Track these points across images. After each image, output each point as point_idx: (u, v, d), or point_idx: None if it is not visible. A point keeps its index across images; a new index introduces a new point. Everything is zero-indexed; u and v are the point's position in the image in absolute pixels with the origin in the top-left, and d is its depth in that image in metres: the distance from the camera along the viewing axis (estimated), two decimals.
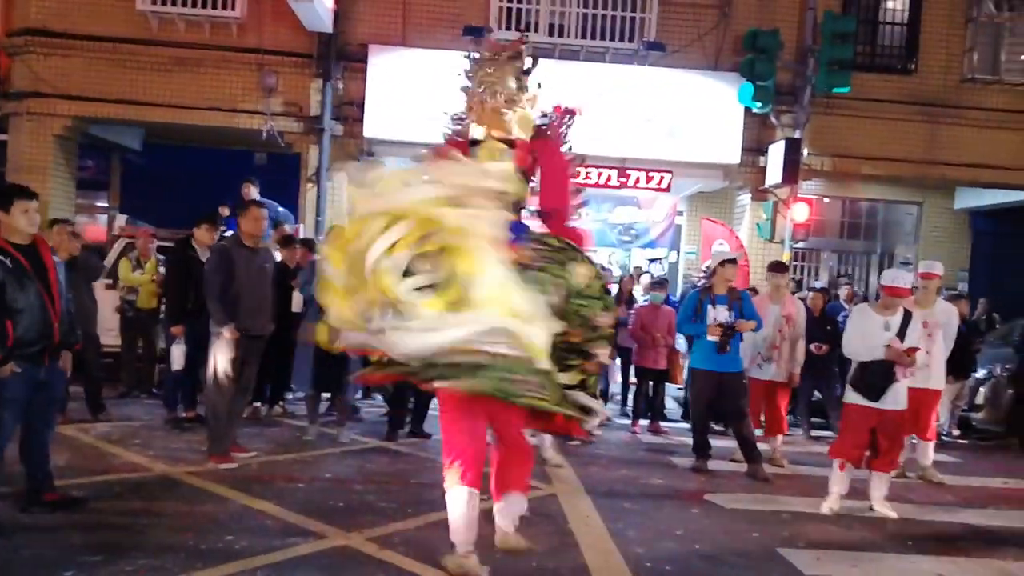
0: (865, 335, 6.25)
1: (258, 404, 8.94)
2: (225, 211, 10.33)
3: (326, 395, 8.38)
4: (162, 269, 9.37)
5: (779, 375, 8.13)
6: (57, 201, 12.40)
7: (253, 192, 10.88)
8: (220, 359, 6.55)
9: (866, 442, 6.25)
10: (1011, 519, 6.47)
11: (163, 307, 9.09)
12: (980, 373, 10.50)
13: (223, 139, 13.69)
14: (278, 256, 8.70)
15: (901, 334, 6.18)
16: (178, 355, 7.82)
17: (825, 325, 9.44)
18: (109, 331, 9.56)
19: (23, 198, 4.92)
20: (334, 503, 5.72)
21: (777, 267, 8.56)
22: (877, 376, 6.16)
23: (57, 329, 4.98)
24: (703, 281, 8.39)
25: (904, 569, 5.08)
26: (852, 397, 6.29)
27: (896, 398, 6.19)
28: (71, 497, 5.31)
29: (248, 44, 12.41)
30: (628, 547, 5.10)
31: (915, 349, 6.15)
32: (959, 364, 9.00)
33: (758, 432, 8.06)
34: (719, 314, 7.47)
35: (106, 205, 15.06)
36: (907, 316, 6.28)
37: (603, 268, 6.75)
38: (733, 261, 7.92)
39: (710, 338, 7.44)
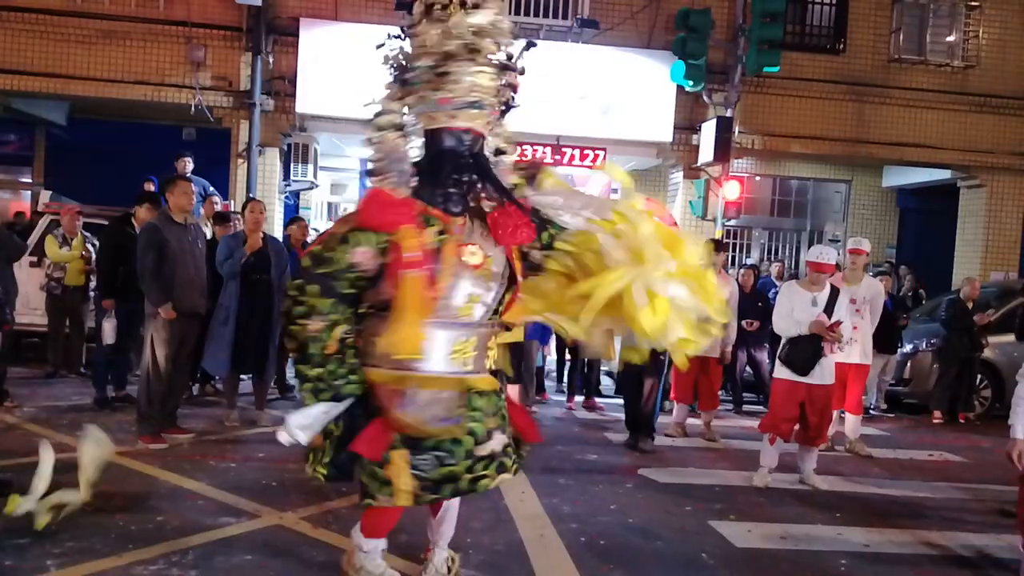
0: (793, 311, 6.38)
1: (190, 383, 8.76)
2: (150, 187, 10.08)
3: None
4: (89, 246, 9.14)
5: (712, 351, 8.23)
6: None
7: (188, 166, 10.64)
8: (157, 340, 6.41)
9: (795, 416, 6.36)
10: (935, 490, 6.67)
11: (92, 284, 8.86)
12: (907, 348, 10.77)
13: (150, 114, 13.33)
14: (209, 232, 8.52)
15: (828, 310, 6.33)
16: (109, 329, 7.62)
17: (756, 301, 9.60)
18: (34, 310, 9.32)
19: None
20: (267, 482, 5.65)
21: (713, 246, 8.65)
22: (805, 351, 6.29)
23: None
24: None
25: (832, 540, 5.20)
26: (781, 372, 6.41)
27: (824, 373, 6.34)
28: None
29: (175, 16, 12.08)
30: (563, 522, 5.15)
31: (839, 323, 6.30)
32: (886, 339, 9.24)
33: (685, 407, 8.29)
34: None
35: (30, 181, 14.62)
36: (834, 292, 6.43)
37: None
38: None
39: None
